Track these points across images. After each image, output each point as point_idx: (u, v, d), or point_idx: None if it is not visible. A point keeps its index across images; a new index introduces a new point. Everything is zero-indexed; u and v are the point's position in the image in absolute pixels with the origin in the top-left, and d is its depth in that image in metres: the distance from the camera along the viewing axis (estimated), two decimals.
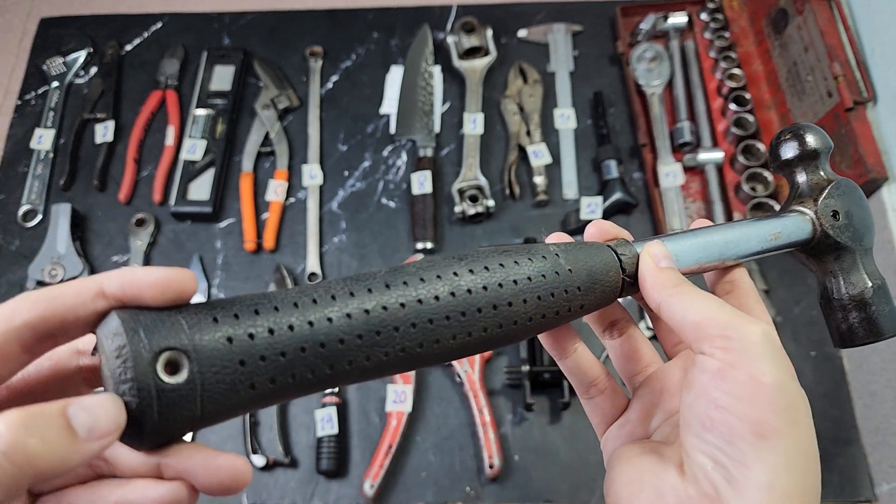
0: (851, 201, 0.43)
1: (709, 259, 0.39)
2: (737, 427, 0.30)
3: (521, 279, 0.34)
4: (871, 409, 0.94)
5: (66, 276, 1.05)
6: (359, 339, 0.30)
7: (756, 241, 0.40)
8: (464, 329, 0.33)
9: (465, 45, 1.20)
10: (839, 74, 0.94)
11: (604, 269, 0.36)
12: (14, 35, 1.33)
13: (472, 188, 1.10)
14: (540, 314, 0.35)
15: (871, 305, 0.42)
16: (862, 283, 0.42)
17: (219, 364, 0.27)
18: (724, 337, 0.31)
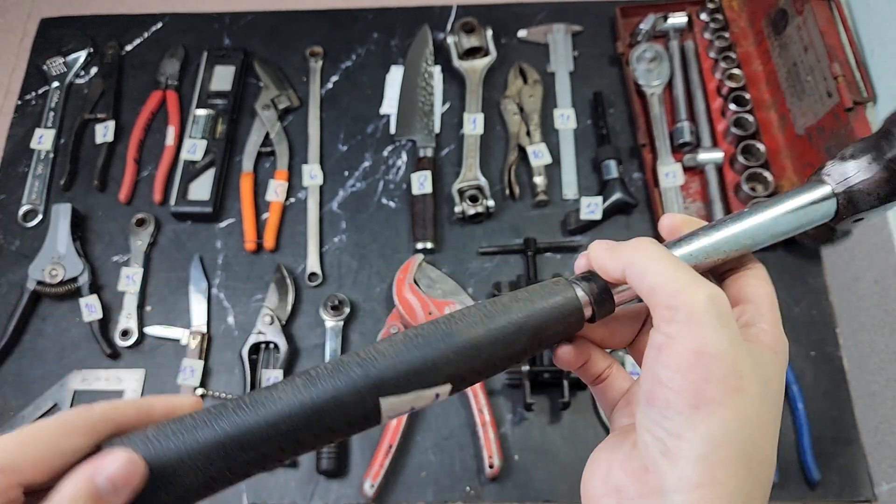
0: None
1: (717, 256, 0.38)
2: (673, 400, 0.30)
3: (483, 366, 0.37)
4: (870, 408, 0.94)
5: (65, 276, 1.05)
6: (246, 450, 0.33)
7: (764, 230, 0.38)
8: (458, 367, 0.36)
9: (465, 45, 1.20)
10: (839, 75, 0.94)
11: (559, 306, 0.37)
12: (14, 35, 1.33)
13: (472, 188, 1.10)
14: (493, 364, 0.37)
15: None
16: None
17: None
18: (670, 308, 0.31)
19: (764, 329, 0.34)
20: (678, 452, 0.29)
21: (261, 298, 1.07)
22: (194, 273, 1.08)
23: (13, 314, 1.04)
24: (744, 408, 0.30)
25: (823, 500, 0.93)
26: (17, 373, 1.03)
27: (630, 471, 0.32)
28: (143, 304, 1.07)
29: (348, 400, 0.34)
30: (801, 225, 0.38)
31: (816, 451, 0.94)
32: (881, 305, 0.91)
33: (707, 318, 0.30)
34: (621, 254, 0.34)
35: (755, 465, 0.30)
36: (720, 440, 0.29)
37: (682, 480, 0.29)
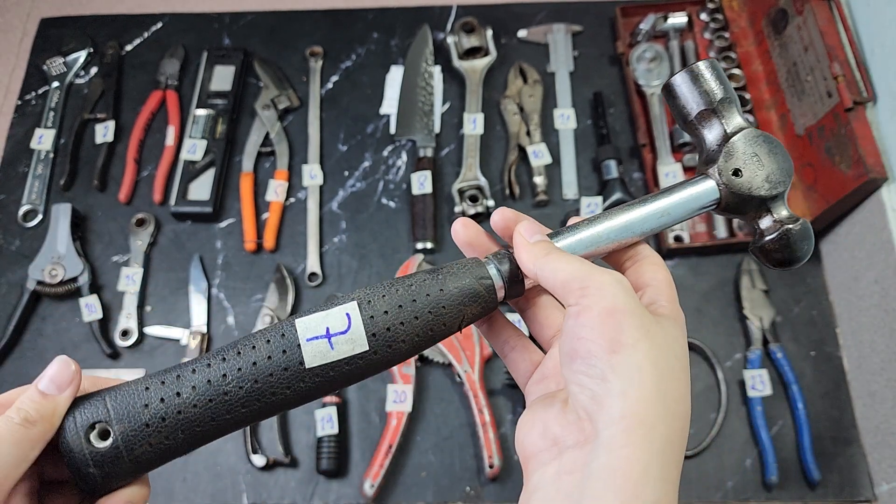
0: (757, 153, 0.44)
1: (605, 244, 0.43)
2: (593, 349, 0.34)
3: (392, 308, 0.40)
4: (870, 408, 0.94)
5: (65, 276, 1.05)
6: (240, 389, 0.39)
7: (651, 221, 0.43)
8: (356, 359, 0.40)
9: (465, 45, 1.20)
10: (839, 74, 0.94)
11: (474, 284, 0.41)
12: (14, 35, 1.33)
13: (472, 188, 1.10)
14: (415, 335, 0.41)
15: (793, 244, 0.44)
16: (779, 226, 0.44)
17: (136, 426, 0.38)
18: (582, 288, 0.36)
19: (663, 305, 0.39)
20: (604, 393, 0.34)
21: (261, 298, 1.07)
22: (194, 273, 1.08)
23: (13, 314, 1.04)
24: (654, 350, 0.34)
25: (823, 500, 0.93)
26: (17, 373, 1.03)
27: (565, 423, 0.35)
28: (143, 304, 1.07)
29: (270, 334, 0.40)
30: (691, 211, 0.44)
31: (816, 451, 0.94)
32: (881, 305, 0.91)
33: (615, 288, 0.36)
34: (527, 266, 0.40)
35: (670, 401, 0.34)
36: (636, 376, 0.33)
37: (609, 416, 0.33)
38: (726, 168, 0.44)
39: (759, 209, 0.45)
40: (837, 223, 1.01)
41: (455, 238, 0.45)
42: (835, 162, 0.95)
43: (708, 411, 0.97)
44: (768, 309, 1.01)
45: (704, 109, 0.45)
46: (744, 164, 0.44)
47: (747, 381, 0.97)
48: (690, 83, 0.45)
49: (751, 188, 0.44)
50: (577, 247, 0.42)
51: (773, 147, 0.45)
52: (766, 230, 0.44)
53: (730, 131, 0.45)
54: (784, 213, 0.45)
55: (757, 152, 0.44)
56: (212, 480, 0.96)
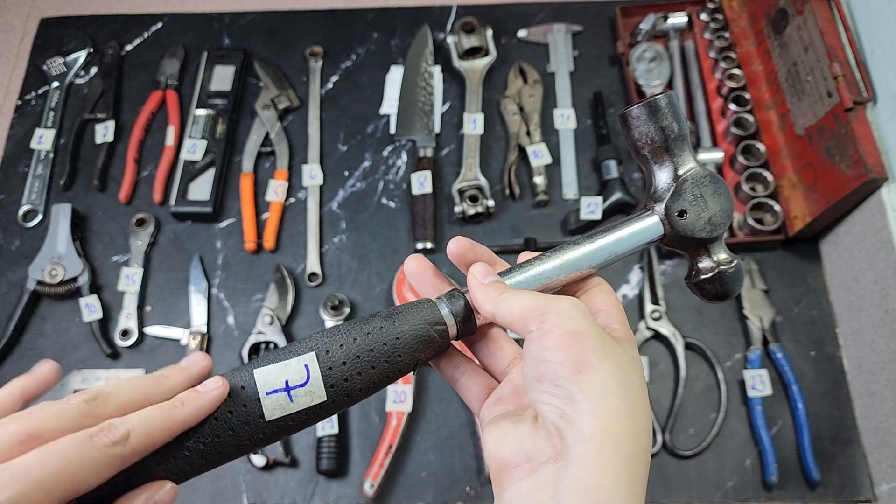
0: (703, 194, 0.46)
1: (555, 278, 0.45)
2: (559, 371, 0.36)
3: (350, 359, 0.41)
4: (870, 408, 0.94)
5: (66, 276, 1.05)
6: (202, 444, 0.39)
7: (598, 257, 0.45)
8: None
9: (465, 45, 1.20)
10: (839, 74, 0.94)
11: (428, 330, 0.43)
12: (14, 35, 1.33)
13: (472, 188, 1.10)
14: (371, 383, 0.42)
15: (726, 284, 0.47)
16: (715, 267, 0.46)
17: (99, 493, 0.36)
18: (541, 315, 0.38)
19: (616, 328, 0.42)
20: (572, 412, 0.35)
21: (261, 298, 1.07)
22: (194, 273, 1.08)
23: (13, 314, 1.04)
24: (616, 370, 0.36)
25: (823, 500, 0.93)
26: (17, 373, 1.03)
27: (536, 439, 0.37)
28: (143, 304, 1.07)
29: (233, 384, 0.40)
30: (635, 246, 0.46)
31: (816, 451, 0.94)
32: (881, 305, 0.91)
33: (573, 311, 0.38)
34: (483, 307, 0.41)
35: (635, 417, 0.36)
36: (603, 393, 0.35)
37: (580, 433, 0.35)
38: (672, 208, 0.45)
39: (699, 249, 0.47)
40: (837, 223, 1.01)
41: (406, 273, 0.48)
42: (835, 162, 0.95)
43: (708, 411, 0.97)
44: (768, 309, 1.01)
45: (658, 146, 0.46)
46: (689, 206, 0.46)
47: (747, 381, 0.97)
48: (647, 117, 0.45)
49: (693, 230, 0.46)
50: (528, 283, 0.44)
51: (718, 188, 0.46)
52: (702, 269, 0.47)
53: (680, 172, 0.46)
54: (722, 255, 0.47)
55: (703, 193, 0.46)
56: (212, 480, 0.96)
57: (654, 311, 1.01)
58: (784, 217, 1.04)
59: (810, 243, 1.06)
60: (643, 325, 1.01)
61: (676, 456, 0.95)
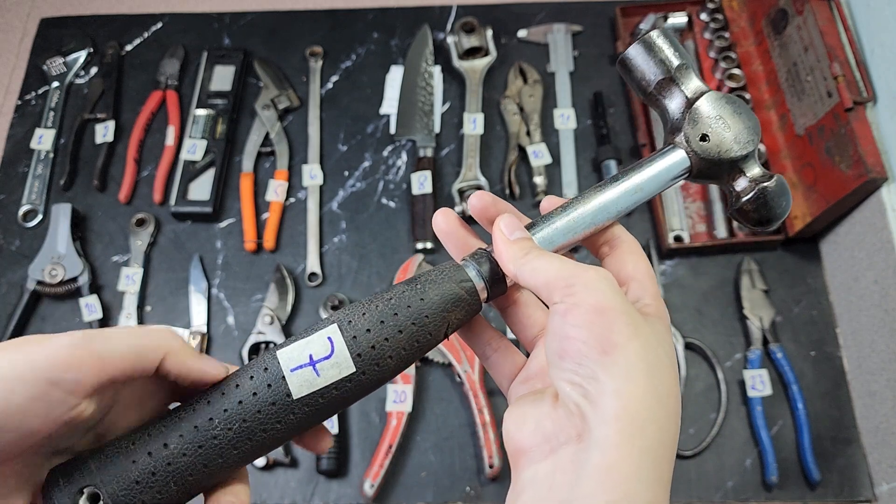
0: (722, 114, 0.43)
1: (582, 230, 0.42)
2: (584, 349, 0.34)
3: (374, 326, 0.39)
4: (870, 408, 0.94)
5: (65, 276, 1.05)
6: (229, 431, 0.38)
7: (626, 199, 0.42)
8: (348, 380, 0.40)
9: (465, 45, 1.20)
10: (839, 74, 0.94)
11: (455, 289, 0.40)
12: (14, 35, 1.33)
13: (472, 188, 1.10)
14: (401, 348, 0.40)
15: (770, 201, 0.43)
16: (754, 185, 0.43)
17: (125, 485, 0.36)
18: (567, 286, 0.36)
19: (648, 303, 0.39)
20: (596, 392, 0.33)
21: (261, 298, 1.07)
22: (194, 273, 1.08)
23: (13, 314, 1.04)
24: (644, 350, 0.34)
25: (823, 500, 0.93)
26: None
27: (556, 419, 0.35)
28: (143, 304, 1.07)
29: (255, 367, 0.39)
30: (664, 183, 0.43)
31: (816, 451, 0.94)
32: (881, 305, 0.91)
33: (601, 284, 0.35)
34: (507, 266, 0.39)
35: (662, 400, 0.34)
36: (629, 376, 0.33)
37: (603, 416, 0.33)
38: (693, 134, 0.43)
39: (732, 171, 0.44)
40: (837, 223, 1.01)
41: (435, 228, 0.44)
42: (835, 162, 0.95)
43: (708, 411, 0.97)
44: (768, 309, 1.01)
45: (663, 79, 0.44)
46: (710, 129, 0.43)
47: (747, 381, 0.97)
48: (645, 54, 0.44)
49: (720, 151, 0.43)
50: (556, 235, 0.42)
51: (738, 107, 0.44)
52: (741, 191, 0.44)
53: (691, 97, 0.44)
54: (757, 170, 0.44)
55: (721, 114, 0.43)
56: None
57: None
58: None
59: (810, 243, 1.06)
60: None
61: (677, 456, 0.95)
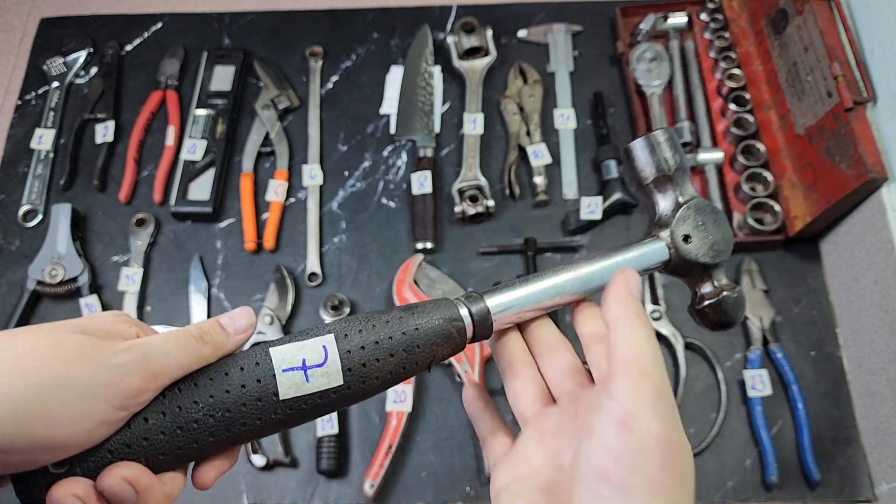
0: (705, 222, 0.48)
1: (567, 295, 0.45)
2: (631, 483, 0.32)
3: (369, 344, 0.41)
4: (870, 408, 0.94)
5: (65, 276, 1.05)
6: (210, 418, 0.38)
7: (607, 274, 0.45)
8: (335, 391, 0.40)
9: (465, 45, 1.20)
10: (839, 74, 0.94)
11: (447, 326, 0.42)
12: (14, 35, 1.33)
13: (472, 188, 1.10)
14: (388, 371, 0.41)
15: (728, 310, 0.48)
16: (718, 293, 0.48)
17: (98, 454, 0.36)
18: (634, 388, 0.34)
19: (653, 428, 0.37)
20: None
21: (261, 298, 1.07)
22: (194, 273, 1.08)
23: (13, 314, 1.04)
24: (684, 498, 0.33)
25: (823, 500, 0.93)
26: None
27: None
28: (144, 304, 1.07)
29: (247, 360, 0.40)
30: (642, 268, 0.47)
31: (816, 451, 0.94)
32: (881, 305, 0.91)
33: (662, 405, 0.34)
34: (612, 308, 0.39)
35: None
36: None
37: None
38: (678, 233, 0.47)
39: (702, 274, 0.48)
40: (837, 223, 1.01)
41: (464, 398, 0.50)
42: (835, 162, 0.95)
43: (708, 411, 0.97)
44: (768, 309, 1.01)
45: (660, 176, 0.48)
46: (693, 231, 0.48)
47: (747, 381, 0.97)
48: (648, 151, 0.48)
49: (697, 255, 0.47)
50: (542, 294, 0.45)
51: (718, 217, 0.48)
52: (705, 295, 0.48)
53: (682, 200, 0.48)
54: (724, 281, 0.48)
55: (704, 221, 0.48)
56: None
57: (654, 311, 1.02)
58: (784, 217, 1.04)
59: (810, 243, 1.06)
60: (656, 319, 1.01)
61: None
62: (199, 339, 0.39)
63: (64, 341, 0.34)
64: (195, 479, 0.41)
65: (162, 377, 0.37)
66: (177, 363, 0.38)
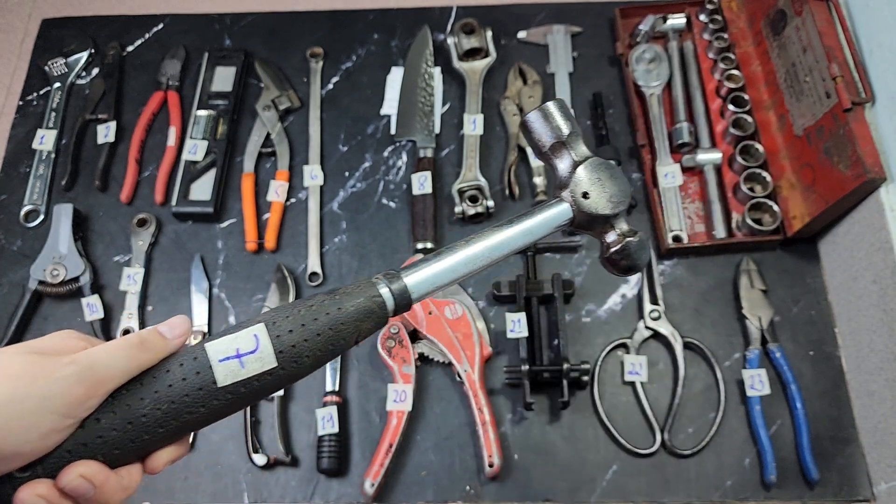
0: (601, 177, 0.53)
1: (469, 267, 0.51)
2: None
3: (296, 327, 0.45)
4: (869, 408, 0.94)
5: (67, 276, 1.05)
6: (158, 411, 0.42)
7: (520, 239, 0.52)
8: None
9: (465, 46, 1.20)
10: (837, 75, 0.94)
11: (368, 303, 0.47)
12: (16, 36, 1.34)
13: (472, 189, 1.10)
14: (318, 349, 0.45)
15: (633, 254, 0.53)
16: (620, 239, 0.53)
17: (57, 454, 0.40)
18: None
19: None
20: None
21: (262, 298, 1.07)
22: (195, 273, 1.09)
23: (15, 314, 1.04)
24: None
25: (822, 499, 0.93)
26: None
27: None
28: (145, 304, 1.08)
29: (186, 356, 0.44)
30: (549, 228, 0.53)
31: (815, 451, 0.94)
32: (880, 305, 0.91)
33: None
34: None
35: None
36: None
37: None
38: (577, 191, 0.53)
39: (605, 225, 0.54)
40: (836, 223, 1.01)
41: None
42: (833, 162, 0.95)
43: (707, 411, 0.98)
44: (767, 309, 1.02)
45: (556, 142, 0.54)
46: (590, 188, 0.53)
47: (746, 380, 0.97)
48: (542, 120, 0.54)
49: (597, 208, 0.52)
50: (459, 265, 0.50)
51: (614, 172, 0.54)
52: (610, 243, 0.54)
53: (577, 160, 0.53)
54: (625, 227, 0.54)
55: (600, 177, 0.53)
56: (213, 479, 0.96)
57: (652, 310, 1.02)
58: (783, 217, 1.04)
59: (809, 243, 1.07)
60: (642, 325, 1.02)
61: (675, 455, 0.95)
62: (139, 346, 0.43)
63: (12, 362, 0.39)
64: (146, 466, 0.44)
65: (107, 383, 0.41)
66: (120, 370, 0.42)
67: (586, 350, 1.01)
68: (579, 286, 1.05)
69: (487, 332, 1.02)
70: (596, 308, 1.04)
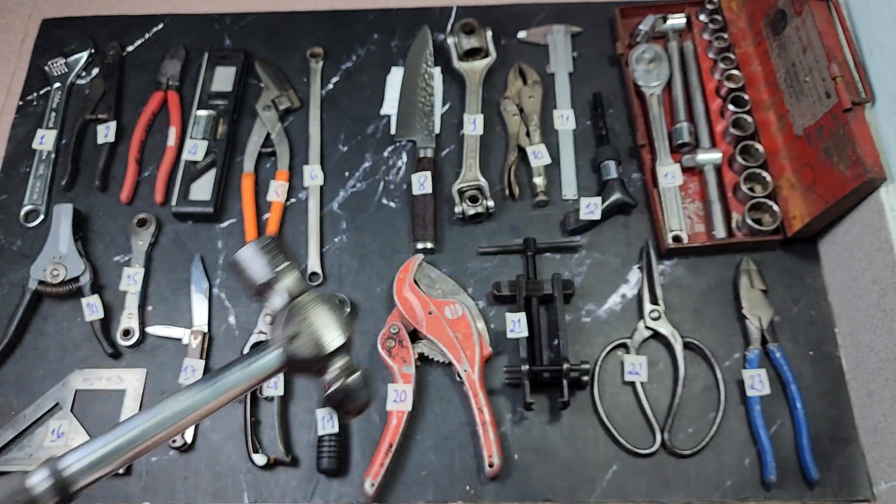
0: (308, 316, 0.50)
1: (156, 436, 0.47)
2: None
3: None
4: (869, 408, 0.94)
5: (67, 276, 1.05)
6: None
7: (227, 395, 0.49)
8: None
9: (465, 46, 1.20)
10: (837, 75, 0.94)
11: None
12: (16, 36, 1.34)
13: (472, 189, 1.10)
14: None
15: (351, 392, 0.51)
16: (335, 380, 0.51)
17: None
18: None
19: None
20: None
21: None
22: (195, 273, 1.09)
23: (15, 314, 1.05)
24: None
25: (822, 499, 0.93)
26: (18, 372, 1.04)
27: None
28: (145, 304, 1.08)
29: None
30: (258, 379, 0.50)
31: (815, 451, 0.94)
32: (879, 305, 0.91)
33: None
34: None
35: None
36: None
37: None
38: (286, 334, 0.49)
39: (319, 365, 0.51)
40: (836, 223, 1.01)
41: None
42: (833, 162, 0.95)
43: (706, 411, 0.98)
44: (767, 309, 1.02)
45: (265, 281, 0.52)
46: (298, 329, 0.50)
47: (746, 380, 0.97)
48: (251, 260, 0.52)
49: (303, 351, 0.50)
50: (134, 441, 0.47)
51: (331, 307, 0.51)
52: (329, 382, 0.51)
53: (289, 300, 0.51)
54: (342, 364, 0.51)
55: (308, 316, 0.51)
56: (213, 479, 0.96)
57: (652, 310, 1.02)
58: (783, 217, 1.04)
59: (809, 243, 1.07)
60: (642, 325, 1.02)
61: (675, 455, 0.95)
62: None
63: None
64: None
65: None
66: None
67: (586, 350, 1.01)
68: (579, 286, 1.05)
69: (487, 332, 1.02)
70: (596, 308, 1.04)
